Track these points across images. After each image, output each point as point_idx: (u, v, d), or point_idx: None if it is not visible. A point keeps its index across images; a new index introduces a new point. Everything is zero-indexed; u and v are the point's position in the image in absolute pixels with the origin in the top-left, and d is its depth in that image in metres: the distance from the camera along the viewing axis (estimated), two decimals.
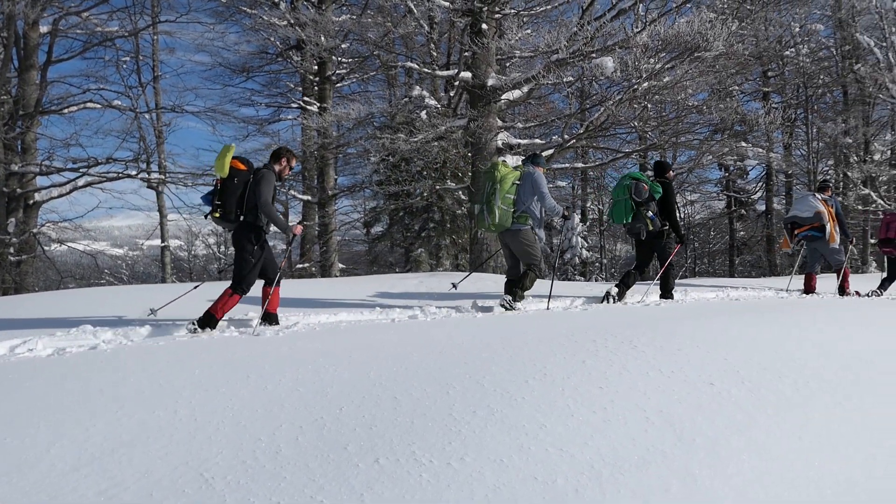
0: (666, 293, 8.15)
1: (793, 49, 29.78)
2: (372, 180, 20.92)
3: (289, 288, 9.53)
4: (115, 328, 5.71)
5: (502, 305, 6.81)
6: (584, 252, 31.94)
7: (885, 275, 10.39)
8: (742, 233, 35.54)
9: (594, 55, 11.44)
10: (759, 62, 27.87)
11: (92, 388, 3.41)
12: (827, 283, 10.70)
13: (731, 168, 32.66)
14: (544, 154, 12.53)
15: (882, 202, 26.04)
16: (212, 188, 6.07)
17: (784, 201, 33.86)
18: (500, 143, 13.23)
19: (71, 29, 18.57)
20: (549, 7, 14.04)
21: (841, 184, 29.05)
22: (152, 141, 20.63)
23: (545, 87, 14.53)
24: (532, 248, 7.09)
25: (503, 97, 13.15)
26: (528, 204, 7.01)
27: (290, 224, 6.16)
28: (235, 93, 22.66)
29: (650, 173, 8.71)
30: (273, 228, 6.19)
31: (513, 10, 13.46)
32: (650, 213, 7.86)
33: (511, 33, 12.60)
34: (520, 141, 13.73)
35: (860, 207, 26.82)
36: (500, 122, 13.46)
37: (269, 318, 6.06)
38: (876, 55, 27.25)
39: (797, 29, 29.54)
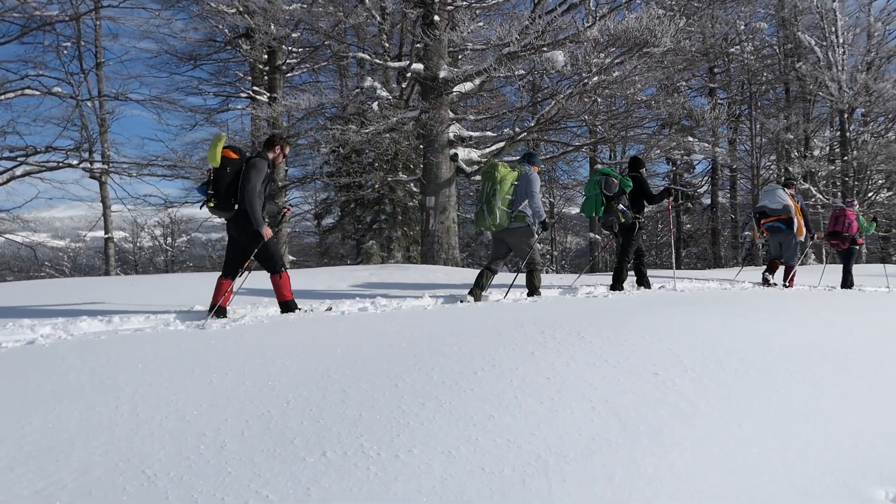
0: (641, 280, 8.63)
1: (738, 46, 30.49)
2: (323, 172, 20.72)
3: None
4: (54, 322, 5.54)
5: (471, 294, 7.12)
6: (538, 245, 32.19)
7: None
8: (688, 226, 36.34)
9: (545, 49, 11.52)
10: (706, 59, 28.47)
11: (29, 384, 3.30)
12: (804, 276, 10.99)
13: (679, 162, 33.30)
14: (495, 147, 12.61)
15: (821, 196, 26.88)
16: (206, 179, 6.09)
17: (729, 195, 34.74)
18: (451, 135, 13.24)
19: (8, 12, 17.88)
20: (500, 0, 14.09)
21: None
22: (95, 129, 20.03)
23: (497, 80, 14.61)
24: (531, 249, 7.31)
25: (455, 89, 13.16)
26: (523, 203, 7.15)
27: (264, 225, 6.10)
28: (182, 81, 22.11)
29: (625, 168, 9.10)
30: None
31: (465, 3, 13.47)
32: (621, 207, 8.18)
33: (463, 25, 12.61)
34: (471, 133, 13.78)
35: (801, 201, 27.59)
36: (451, 115, 13.48)
37: (221, 311, 6.07)
38: (816, 54, 28.08)
39: (742, 27, 30.23)
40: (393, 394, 2.97)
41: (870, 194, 28.02)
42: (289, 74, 21.04)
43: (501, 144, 13.41)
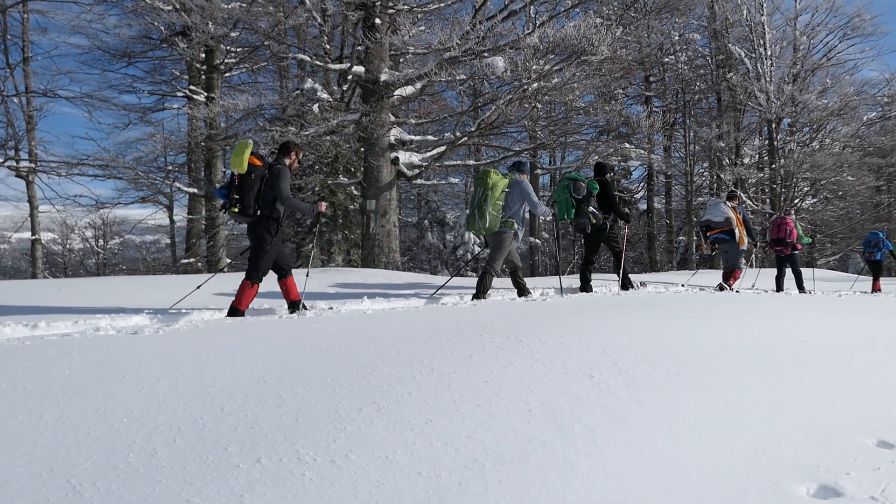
0: (626, 284, 9.07)
1: (672, 56, 31.35)
2: None
3: (172, 283, 9.17)
4: None
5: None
6: (477, 248, 32.39)
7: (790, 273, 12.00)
8: (625, 230, 37.05)
9: (486, 54, 11.63)
10: (642, 68, 29.15)
11: None
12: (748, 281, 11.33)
13: (616, 168, 33.99)
14: (435, 151, 12.64)
15: (750, 203, 27.82)
16: (226, 182, 6.30)
17: (664, 201, 35.63)
18: (392, 138, 13.23)
19: None
20: (442, 5, 14.16)
21: (714, 185, 30.88)
22: (21, 126, 19.26)
23: (438, 85, 14.65)
24: (500, 252, 7.74)
25: (396, 93, 13.16)
26: (514, 209, 7.65)
27: (314, 203, 6.45)
28: (115, 79, 21.45)
29: (590, 173, 9.57)
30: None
31: (406, 7, 13.49)
32: (591, 209, 8.80)
33: (405, 29, 12.62)
34: (413, 137, 13.78)
35: None
36: (392, 118, 13.46)
37: (294, 305, 6.54)
38: (746, 65, 29.13)
39: (676, 37, 31.10)
40: (330, 398, 2.95)
41: (796, 201, 29.17)
42: (227, 74, 20.67)
43: (443, 148, 13.46)
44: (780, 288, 11.99)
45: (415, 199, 32.57)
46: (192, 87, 19.83)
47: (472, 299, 7.51)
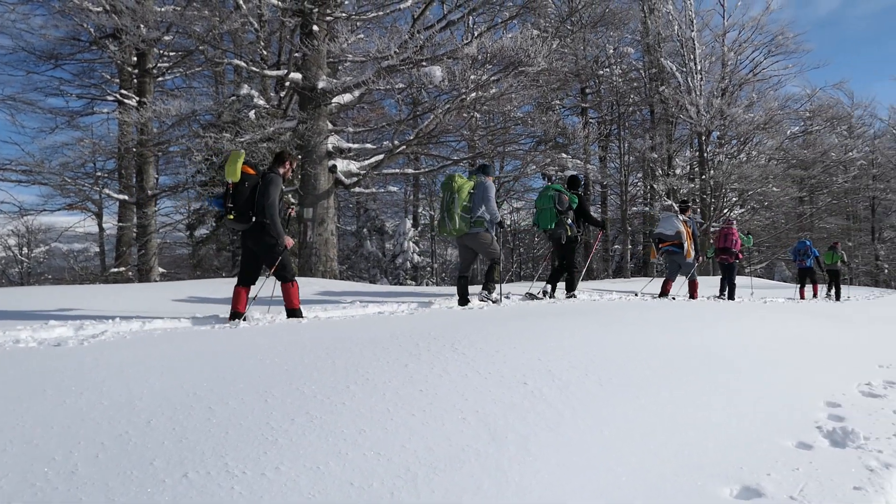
0: (570, 290, 9.45)
1: (607, 69, 32.06)
2: (195, 181, 19.90)
3: (99, 293, 8.87)
4: None
5: (481, 300, 7.96)
6: (416, 257, 32.41)
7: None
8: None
9: (424, 64, 11.67)
10: (578, 79, 29.74)
11: None
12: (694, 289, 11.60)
13: (553, 178, 34.48)
14: (374, 159, 12.61)
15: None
16: (222, 191, 6.49)
17: (600, 210, 36.33)
18: (330, 146, 13.13)
19: None
20: (381, 13, 14.14)
21: (648, 195, 31.69)
22: None
23: (377, 93, 14.61)
24: (491, 245, 8.10)
25: (334, 100, 13.07)
26: (480, 210, 7.91)
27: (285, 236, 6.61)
28: (41, 81, 20.56)
29: (565, 185, 9.87)
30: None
31: (344, 14, 13.42)
32: (569, 221, 9.24)
33: (343, 37, 12.56)
34: (351, 145, 13.72)
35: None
36: (330, 126, 13.36)
37: (237, 315, 6.54)
38: (678, 79, 30.04)
39: (611, 51, 31.84)
40: (262, 410, 2.89)
41: (725, 210, 30.16)
42: (160, 78, 20.15)
43: (381, 157, 13.41)
44: (731, 295, 12.56)
45: (354, 207, 32.37)
46: (123, 92, 19.25)
47: (482, 290, 8.26)
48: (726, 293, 12.55)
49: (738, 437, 3.02)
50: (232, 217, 6.35)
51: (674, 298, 10.68)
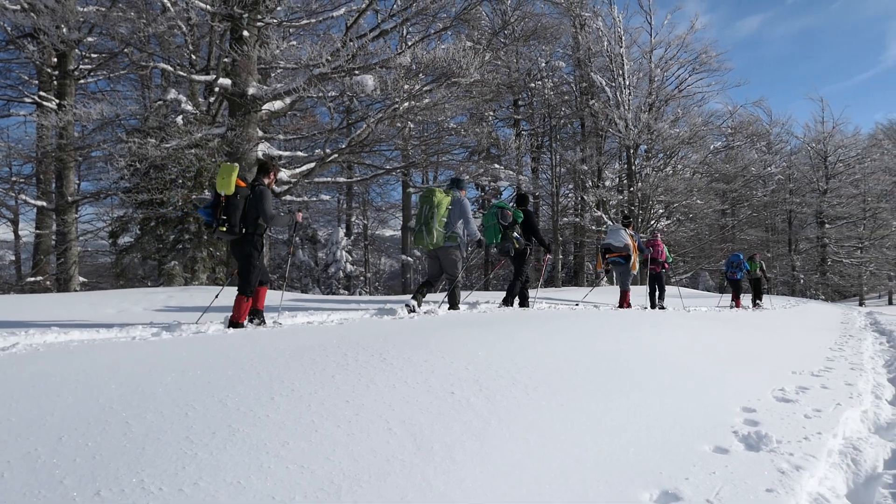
0: (523, 301, 9.88)
1: (540, 82, 32.61)
2: (119, 187, 19.26)
3: (14, 304, 8.48)
4: None
5: (407, 305, 7.90)
6: (349, 266, 32.16)
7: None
8: (494, 249, 38.01)
9: (356, 72, 11.61)
10: (511, 91, 30.17)
11: None
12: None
13: (487, 188, 34.83)
14: (305, 167, 12.47)
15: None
16: (210, 202, 6.66)
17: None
18: (260, 153, 12.91)
19: None
20: (313, 21, 14.01)
21: (579, 206, 32.34)
22: None
23: (309, 101, 14.47)
24: (456, 266, 8.50)
25: (264, 107, 12.87)
26: (455, 226, 8.28)
27: (290, 213, 6.97)
28: None
29: (513, 203, 10.43)
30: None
31: (275, 20, 13.24)
32: (516, 234, 9.56)
33: (274, 43, 12.41)
34: (281, 153, 13.51)
35: (594, 227, 30.00)
36: (261, 133, 13.14)
37: (258, 314, 6.95)
38: (607, 93, 30.82)
39: (543, 64, 32.42)
40: (182, 424, 2.81)
41: (651, 222, 31.01)
42: (82, 81, 19.38)
43: (312, 165, 13.26)
44: (653, 304, 13.28)
45: (285, 215, 31.89)
46: (42, 94, 18.45)
47: (449, 309, 8.44)
48: (661, 300, 13.34)
49: (659, 442, 3.09)
50: (224, 229, 6.53)
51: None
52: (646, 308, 12.11)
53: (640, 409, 3.55)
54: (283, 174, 13.16)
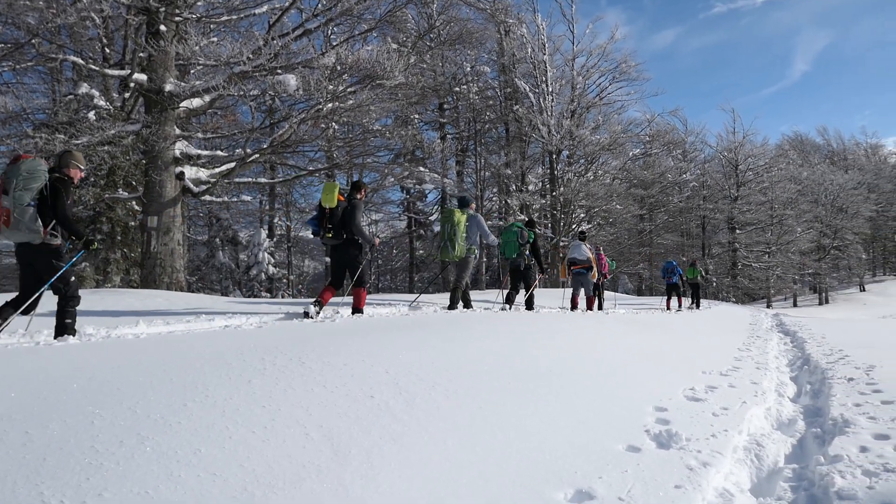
0: (530, 306, 11.26)
1: (465, 86, 32.87)
2: None
3: None
4: None
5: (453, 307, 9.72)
6: (272, 268, 31.58)
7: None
8: (421, 251, 38.12)
9: (279, 71, 11.41)
10: (437, 95, 30.28)
11: None
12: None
13: (412, 191, 34.88)
14: (225, 167, 12.19)
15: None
16: (316, 215, 8.22)
17: None
18: (178, 152, 12.52)
19: None
20: (234, 17, 13.68)
21: (503, 210, 32.73)
22: None
23: (230, 99, 14.13)
24: (467, 272, 10.24)
25: (182, 105, 12.48)
26: (473, 239, 10.03)
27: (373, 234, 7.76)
28: None
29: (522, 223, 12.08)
30: None
31: (194, 16, 12.86)
32: (527, 252, 11.30)
33: (194, 39, 12.05)
34: (200, 152, 13.14)
35: None
36: (178, 131, 12.74)
37: (319, 303, 7.98)
38: (531, 99, 31.33)
39: (469, 69, 32.70)
40: (88, 433, 2.69)
41: (573, 226, 31.68)
42: None
43: (233, 165, 12.95)
44: (601, 307, 15.55)
45: (205, 216, 31.06)
46: None
47: (449, 308, 9.67)
48: (600, 306, 15.43)
49: (575, 442, 3.15)
50: (330, 235, 8.02)
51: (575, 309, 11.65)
52: (584, 311, 13.22)
53: (559, 411, 3.62)
54: (202, 174, 12.80)
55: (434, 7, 27.90)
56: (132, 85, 12.55)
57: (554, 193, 31.15)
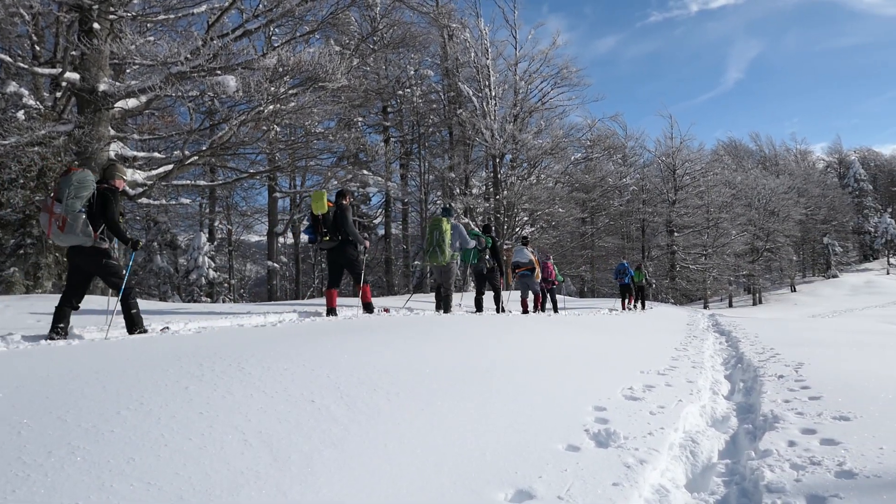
0: (499, 308, 12.40)
1: (409, 90, 32.86)
2: None
3: None
4: None
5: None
6: (212, 272, 30.96)
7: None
8: (364, 255, 37.86)
9: (218, 72, 11.19)
10: (380, 98, 30.19)
11: None
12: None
13: (356, 194, 34.65)
14: (162, 169, 11.90)
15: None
16: (310, 224, 9.01)
17: (401, 226, 37.00)
18: (112, 153, 12.16)
19: None
20: (172, 16, 13.36)
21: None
22: None
23: (168, 100, 13.81)
24: (452, 277, 11.16)
25: (117, 105, 12.12)
26: (456, 246, 10.81)
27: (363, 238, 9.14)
28: None
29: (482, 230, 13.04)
30: None
31: (129, 14, 12.49)
32: (487, 257, 12.13)
33: (129, 38, 11.72)
34: (136, 153, 12.79)
35: None
36: (113, 132, 12.37)
37: (332, 312, 8.93)
38: (474, 103, 31.49)
39: (412, 72, 32.71)
40: (14, 443, 2.59)
41: (517, 229, 31.97)
42: None
43: (170, 167, 12.64)
44: (556, 310, 16.67)
45: (142, 219, 30.22)
46: None
47: (444, 312, 10.72)
48: (553, 309, 16.44)
49: (515, 442, 3.18)
50: (327, 239, 8.80)
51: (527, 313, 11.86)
52: (534, 311, 14.64)
53: (500, 412, 3.64)
54: (138, 176, 12.43)
55: (377, 10, 27.82)
56: (64, 84, 12.13)
57: (497, 197, 31.38)
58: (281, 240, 34.69)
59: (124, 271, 6.56)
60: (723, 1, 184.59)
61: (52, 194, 6.19)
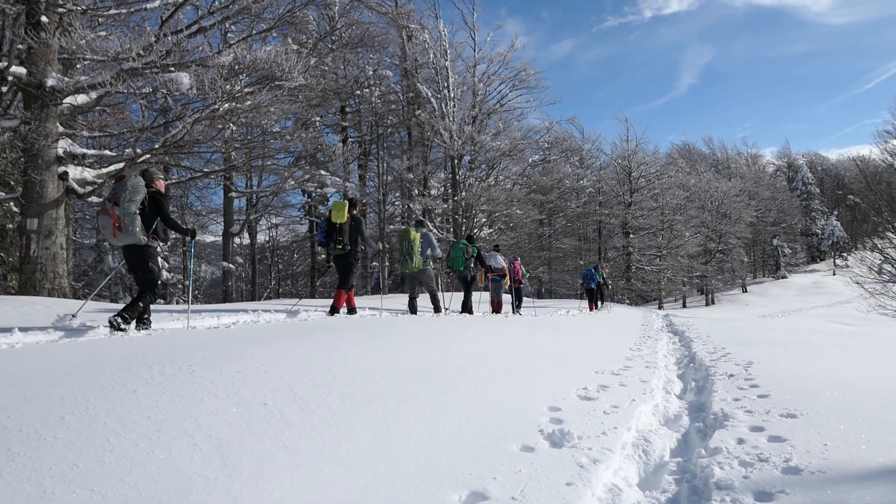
0: (466, 309, 12.85)
1: (367, 90, 32.70)
2: None
3: None
4: None
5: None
6: (165, 273, 30.34)
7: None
8: (322, 256, 37.60)
9: (171, 69, 10.97)
10: (338, 98, 29.96)
11: None
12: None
13: (313, 194, 34.34)
14: (114, 167, 11.63)
15: (436, 231, 29.87)
16: (325, 229, 9.62)
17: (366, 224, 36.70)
18: (61, 151, 11.83)
19: None
20: (124, 11, 13.05)
21: (405, 214, 32.75)
22: None
23: (120, 96, 13.49)
24: (433, 280, 11.70)
25: (66, 101, 11.80)
26: (427, 253, 11.30)
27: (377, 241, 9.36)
28: None
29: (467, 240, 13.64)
30: None
31: (79, 8, 12.16)
32: (472, 265, 13.04)
33: (79, 32, 11.41)
34: (86, 151, 12.47)
35: None
36: (61, 128, 12.03)
37: (351, 311, 9.80)
38: (433, 104, 31.49)
39: (371, 72, 32.55)
40: None
41: (475, 230, 32.05)
42: None
43: (121, 165, 12.35)
44: (518, 308, 17.07)
45: (92, 218, 29.49)
46: None
47: (435, 312, 11.47)
48: (520, 309, 17.03)
49: (471, 444, 3.18)
50: (340, 247, 9.39)
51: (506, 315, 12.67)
52: (516, 312, 15.79)
53: (455, 413, 3.64)
54: (88, 174, 12.12)
55: (336, 9, 27.63)
56: (10, 78, 11.74)
57: (456, 198, 31.42)
58: (237, 240, 34.19)
59: (158, 278, 6.97)
60: (676, 7, 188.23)
61: (109, 199, 6.69)
